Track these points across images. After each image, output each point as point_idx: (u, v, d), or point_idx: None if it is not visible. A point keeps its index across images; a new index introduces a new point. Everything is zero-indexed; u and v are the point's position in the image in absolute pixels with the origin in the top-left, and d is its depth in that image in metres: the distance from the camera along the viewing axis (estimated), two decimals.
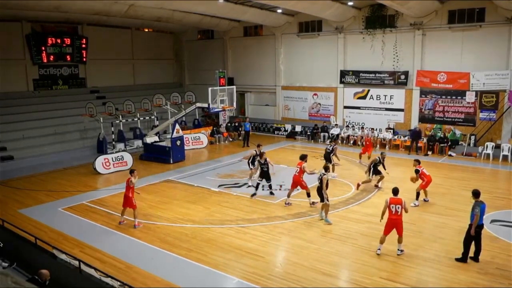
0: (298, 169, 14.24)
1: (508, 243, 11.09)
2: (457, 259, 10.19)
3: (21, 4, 21.00)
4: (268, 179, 15.31)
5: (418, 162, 14.95)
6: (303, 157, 14.53)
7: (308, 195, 14.17)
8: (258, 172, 15.56)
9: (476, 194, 10.19)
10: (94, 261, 10.07)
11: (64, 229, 12.54)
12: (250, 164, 17.15)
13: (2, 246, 10.23)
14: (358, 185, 16.16)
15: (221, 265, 10.20)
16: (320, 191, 12.74)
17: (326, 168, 13.23)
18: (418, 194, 14.43)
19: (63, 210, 14.33)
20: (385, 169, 16.38)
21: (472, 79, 21.92)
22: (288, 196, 14.40)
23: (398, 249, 10.57)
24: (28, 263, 9.93)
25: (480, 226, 10.00)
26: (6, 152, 21.00)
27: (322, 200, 12.78)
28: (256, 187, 15.31)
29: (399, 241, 10.52)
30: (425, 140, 22.86)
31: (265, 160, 15.16)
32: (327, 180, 12.78)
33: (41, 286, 7.55)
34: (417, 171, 14.40)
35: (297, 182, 14.15)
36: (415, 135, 22.49)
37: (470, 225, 10.00)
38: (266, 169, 15.11)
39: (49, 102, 25.72)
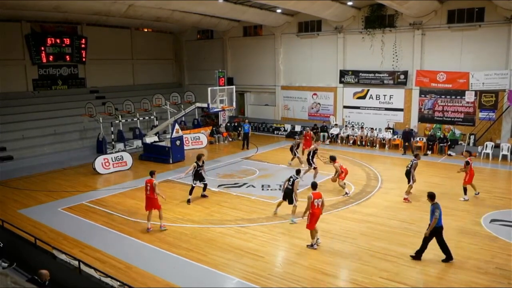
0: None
1: (508, 243, 11.10)
2: (412, 256, 10.23)
3: (20, 4, 20.98)
4: (202, 179, 15.11)
5: (469, 153, 15.19)
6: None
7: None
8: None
9: (432, 196, 10.30)
10: (94, 261, 10.07)
11: (63, 229, 12.54)
12: (311, 160, 17.18)
13: (2, 246, 10.22)
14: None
15: (221, 265, 10.21)
16: (291, 193, 12.82)
17: (297, 172, 13.39)
18: (465, 190, 14.70)
19: (62, 210, 14.33)
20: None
21: (472, 79, 21.92)
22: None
23: (317, 241, 11.05)
24: (28, 263, 9.94)
25: (440, 228, 10.06)
26: (5, 152, 20.98)
27: (291, 202, 12.85)
28: (190, 192, 14.99)
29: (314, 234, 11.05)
30: (424, 139, 22.87)
31: (203, 162, 15.08)
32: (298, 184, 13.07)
33: (40, 286, 7.54)
34: (467, 163, 14.59)
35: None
36: (406, 135, 22.47)
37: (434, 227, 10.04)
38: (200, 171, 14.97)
39: (48, 102, 25.73)
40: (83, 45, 28.12)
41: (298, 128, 28.07)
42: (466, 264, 10.01)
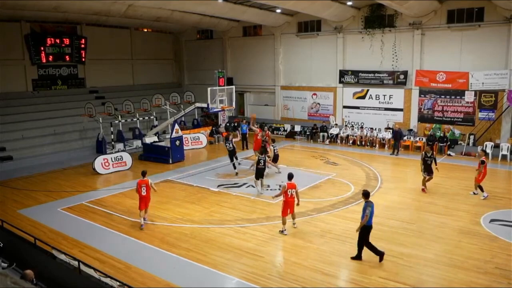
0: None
1: (508, 243, 11.10)
2: (352, 258, 10.33)
3: (20, 4, 20.98)
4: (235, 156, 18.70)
5: (484, 152, 15.62)
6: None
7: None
8: None
9: (366, 194, 10.36)
10: (93, 261, 10.06)
11: (63, 229, 12.54)
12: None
13: (1, 246, 10.20)
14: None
15: (221, 265, 10.20)
16: (263, 171, 15.80)
17: (261, 152, 16.75)
18: (481, 187, 14.96)
19: (62, 210, 14.33)
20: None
21: (471, 79, 21.93)
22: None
23: (293, 223, 12.37)
24: (27, 263, 9.92)
25: (369, 227, 10.15)
26: (5, 152, 20.98)
27: (262, 177, 15.81)
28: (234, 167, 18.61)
29: (294, 217, 12.30)
30: (424, 139, 22.88)
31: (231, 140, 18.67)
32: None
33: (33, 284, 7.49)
34: (483, 162, 14.89)
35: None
36: (397, 135, 22.48)
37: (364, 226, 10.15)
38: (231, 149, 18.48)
39: (48, 102, 25.73)
40: (82, 45, 28.11)
41: (297, 128, 28.11)
42: (466, 264, 10.02)
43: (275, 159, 18.55)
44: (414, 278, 9.50)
